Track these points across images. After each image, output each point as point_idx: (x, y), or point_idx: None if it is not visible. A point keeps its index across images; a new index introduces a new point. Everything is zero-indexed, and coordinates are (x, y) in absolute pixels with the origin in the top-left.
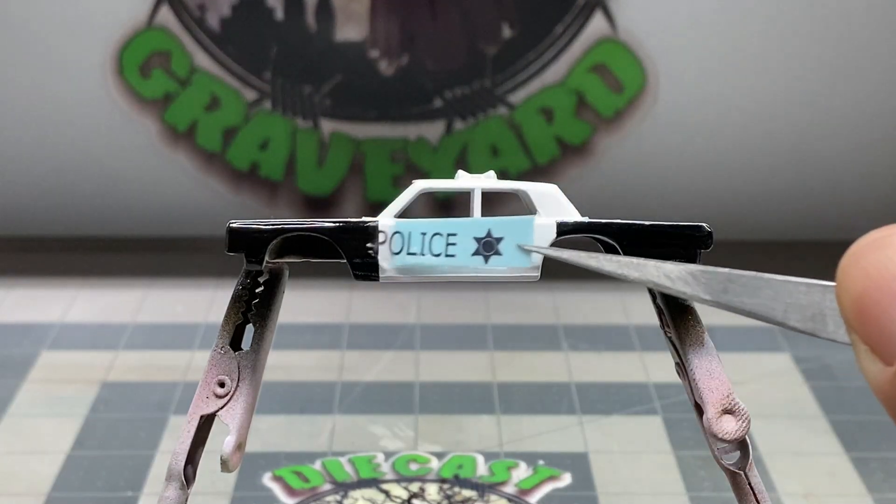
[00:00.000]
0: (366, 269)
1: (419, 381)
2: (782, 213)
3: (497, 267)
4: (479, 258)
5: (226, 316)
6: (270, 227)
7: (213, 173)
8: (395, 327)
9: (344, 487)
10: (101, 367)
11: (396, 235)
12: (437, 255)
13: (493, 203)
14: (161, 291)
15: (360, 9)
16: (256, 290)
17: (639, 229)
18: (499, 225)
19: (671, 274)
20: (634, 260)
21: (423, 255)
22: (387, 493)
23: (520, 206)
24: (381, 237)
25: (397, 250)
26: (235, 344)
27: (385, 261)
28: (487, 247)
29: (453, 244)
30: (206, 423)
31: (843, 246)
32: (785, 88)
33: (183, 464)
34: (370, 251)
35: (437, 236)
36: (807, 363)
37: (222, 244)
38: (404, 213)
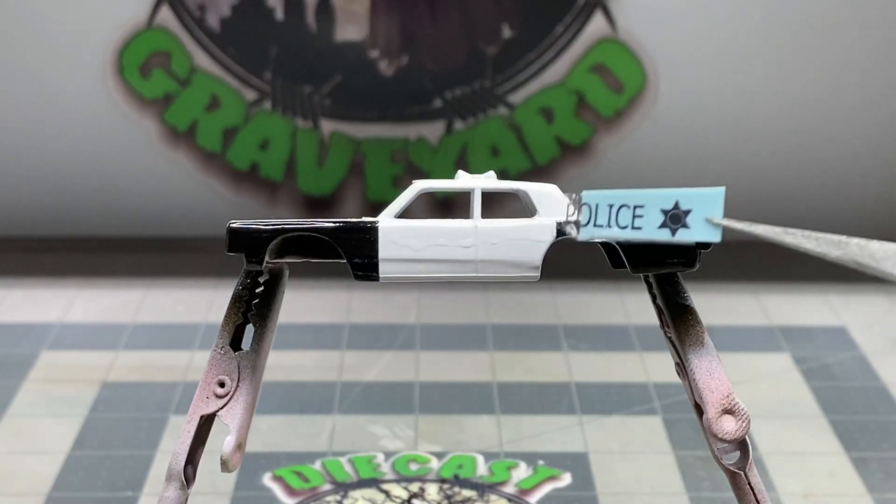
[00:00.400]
0: (365, 269)
1: (419, 381)
2: (782, 213)
3: (685, 240)
4: (666, 230)
5: (226, 316)
6: (270, 227)
7: (213, 173)
8: (395, 327)
9: (344, 487)
10: (101, 367)
11: (584, 207)
12: (624, 228)
13: (493, 203)
14: (161, 291)
15: (360, 9)
16: (256, 290)
17: None
18: (687, 197)
19: (876, 254)
20: (835, 238)
21: (609, 226)
22: (387, 493)
23: (520, 206)
24: (570, 209)
25: (585, 222)
26: (235, 344)
27: (572, 231)
28: (675, 219)
29: (640, 216)
30: (206, 423)
31: None
32: (784, 88)
33: (183, 464)
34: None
35: (623, 208)
36: (807, 363)
37: (222, 244)
38: (404, 214)
